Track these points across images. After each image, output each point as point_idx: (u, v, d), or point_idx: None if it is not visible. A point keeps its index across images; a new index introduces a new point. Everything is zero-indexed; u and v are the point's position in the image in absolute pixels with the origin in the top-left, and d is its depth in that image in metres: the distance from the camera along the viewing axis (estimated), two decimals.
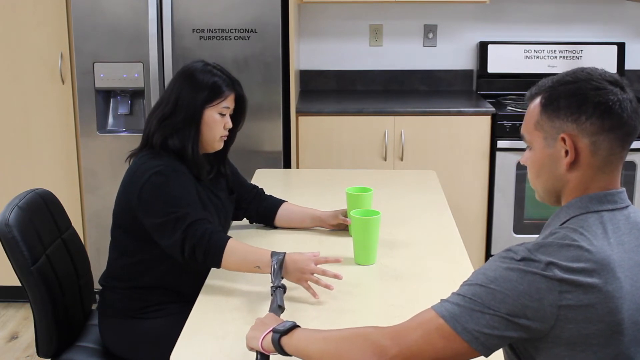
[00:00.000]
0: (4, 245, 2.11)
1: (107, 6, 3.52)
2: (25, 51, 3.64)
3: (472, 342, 1.29)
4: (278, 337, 1.51)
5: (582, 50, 4.17)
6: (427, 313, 1.35)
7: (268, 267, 1.97)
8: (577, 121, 1.35)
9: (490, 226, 3.85)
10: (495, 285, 1.29)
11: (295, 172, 3.59)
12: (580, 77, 1.39)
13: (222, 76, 2.25)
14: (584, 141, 1.35)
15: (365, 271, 2.14)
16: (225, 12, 3.52)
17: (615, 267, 1.30)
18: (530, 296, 1.27)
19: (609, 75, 1.39)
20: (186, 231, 2.05)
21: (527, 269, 1.28)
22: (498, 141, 3.76)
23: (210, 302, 1.95)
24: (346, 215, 2.40)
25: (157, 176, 2.12)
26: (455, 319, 1.30)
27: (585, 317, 1.27)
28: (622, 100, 1.35)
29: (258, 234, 2.46)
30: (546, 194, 1.45)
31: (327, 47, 4.27)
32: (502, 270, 1.30)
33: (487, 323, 1.29)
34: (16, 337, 3.54)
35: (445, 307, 1.32)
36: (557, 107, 1.37)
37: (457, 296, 1.33)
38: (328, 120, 3.76)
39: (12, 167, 3.75)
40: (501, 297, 1.28)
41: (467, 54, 4.29)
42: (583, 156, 1.36)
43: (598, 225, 1.34)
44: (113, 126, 3.72)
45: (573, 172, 1.38)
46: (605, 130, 1.34)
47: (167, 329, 2.05)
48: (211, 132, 2.23)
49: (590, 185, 1.38)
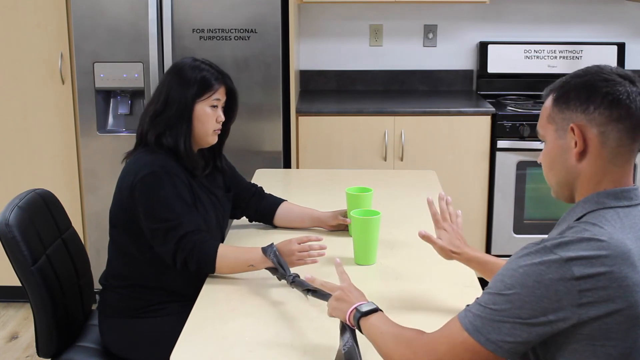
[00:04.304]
0: (4, 245, 2.11)
1: (107, 6, 3.52)
2: (25, 51, 3.64)
3: (497, 352, 1.32)
4: (359, 316, 1.57)
5: (582, 50, 4.17)
6: (454, 324, 1.38)
7: (261, 263, 2.04)
8: (586, 111, 1.37)
9: (490, 226, 3.85)
10: (513, 292, 1.31)
11: (295, 172, 3.59)
12: (591, 70, 1.41)
13: (210, 70, 2.26)
14: (593, 131, 1.37)
15: (365, 271, 2.14)
16: (225, 12, 3.52)
17: (635, 259, 1.30)
18: (549, 299, 1.28)
19: (620, 70, 1.41)
20: (178, 244, 2.09)
21: (545, 271, 1.29)
22: (498, 141, 3.76)
23: (210, 302, 1.95)
24: (346, 215, 2.40)
25: (151, 178, 2.13)
26: (478, 331, 1.33)
27: (605, 311, 1.28)
28: (630, 92, 1.36)
29: (258, 234, 2.46)
30: (559, 187, 1.47)
31: (327, 47, 4.27)
32: (519, 275, 1.31)
33: (509, 332, 1.31)
34: (16, 337, 3.54)
35: (468, 319, 1.35)
36: (567, 99, 1.40)
37: (479, 306, 1.35)
38: (328, 120, 3.76)
39: (12, 167, 3.75)
40: (520, 303, 1.30)
41: (467, 54, 4.29)
42: (592, 146, 1.38)
43: (616, 219, 1.35)
44: (113, 126, 3.72)
45: (583, 163, 1.40)
46: (613, 120, 1.36)
47: (167, 329, 2.05)
48: (203, 126, 2.24)
49: (602, 179, 1.39)
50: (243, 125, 3.61)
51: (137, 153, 2.23)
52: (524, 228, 3.83)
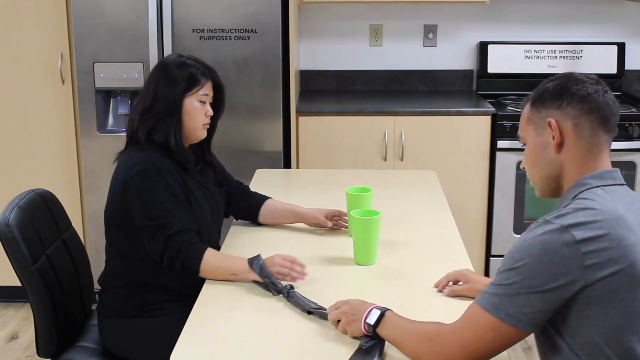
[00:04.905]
0: (4, 245, 2.11)
1: (107, 6, 3.52)
2: (25, 51, 3.64)
3: (518, 324, 1.41)
4: (372, 329, 1.63)
5: (582, 50, 4.17)
6: (473, 309, 1.47)
7: (244, 274, 2.03)
8: (560, 107, 1.54)
9: (490, 226, 3.85)
10: (522, 264, 1.41)
11: (295, 172, 3.59)
12: (562, 75, 1.59)
13: (197, 65, 2.28)
14: (568, 124, 1.53)
15: (365, 271, 2.14)
16: (225, 12, 3.52)
17: (629, 223, 1.42)
18: (557, 264, 1.38)
19: (592, 76, 1.57)
20: (166, 243, 2.10)
21: (548, 239, 1.39)
22: (498, 141, 3.76)
23: (210, 302, 1.95)
24: (331, 216, 2.41)
25: (142, 175, 2.14)
26: (498, 308, 1.42)
27: (610, 271, 1.38)
28: (597, 90, 1.53)
29: (259, 234, 2.46)
30: (545, 182, 1.59)
31: (327, 47, 4.27)
32: (525, 248, 1.41)
33: (525, 303, 1.40)
34: (16, 337, 3.54)
35: (486, 300, 1.45)
36: (543, 100, 1.57)
37: (494, 286, 1.45)
38: (328, 120, 3.76)
39: (12, 167, 3.75)
40: (530, 273, 1.40)
41: (467, 54, 4.29)
42: (569, 137, 1.53)
43: (605, 195, 1.48)
44: (113, 126, 3.72)
45: (562, 154, 1.54)
46: (585, 112, 1.52)
47: (167, 328, 2.05)
48: (193, 121, 2.25)
49: (583, 166, 1.53)
50: (243, 125, 3.61)
51: (128, 152, 2.24)
52: (524, 228, 3.83)
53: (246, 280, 2.03)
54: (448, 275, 1.98)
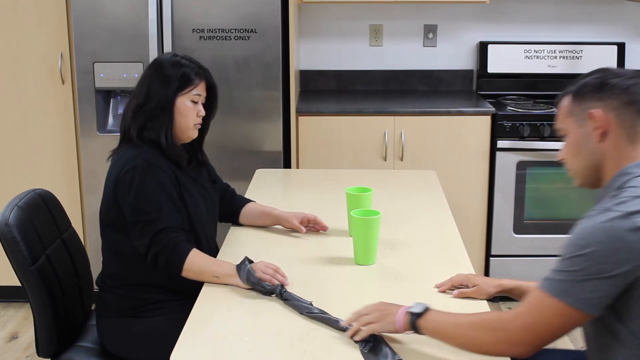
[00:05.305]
0: (4, 245, 2.11)
1: (107, 6, 3.52)
2: (25, 51, 3.64)
3: (586, 309, 1.45)
4: (415, 319, 1.63)
5: (582, 50, 4.17)
6: (537, 295, 1.50)
7: (226, 277, 2.03)
8: (601, 99, 1.60)
9: (490, 226, 3.85)
10: (588, 250, 1.44)
11: (295, 172, 3.59)
12: (601, 70, 1.65)
13: (190, 65, 2.28)
14: (610, 114, 1.58)
15: (365, 271, 2.14)
16: (225, 12, 3.52)
17: None
18: (624, 250, 1.42)
19: (630, 70, 1.65)
20: (153, 239, 2.11)
21: (613, 226, 1.43)
22: (498, 141, 3.75)
23: (210, 302, 1.95)
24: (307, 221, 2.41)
25: (133, 171, 2.15)
26: (568, 294, 1.45)
27: None
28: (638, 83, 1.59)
29: (259, 234, 2.46)
30: (586, 170, 1.64)
31: (327, 47, 4.27)
32: (590, 235, 1.45)
33: (593, 288, 1.44)
34: (16, 337, 3.54)
35: (553, 286, 1.47)
36: (584, 93, 1.63)
37: (559, 272, 1.48)
38: (328, 120, 3.75)
39: (12, 167, 3.75)
40: (598, 259, 1.43)
41: (467, 54, 4.29)
42: (611, 127, 1.58)
43: None
44: (113, 126, 3.71)
45: (605, 143, 1.59)
46: (625, 103, 1.58)
47: (166, 328, 2.06)
48: (185, 120, 2.26)
49: (625, 156, 1.58)
50: (243, 125, 3.61)
51: (121, 149, 2.25)
52: (524, 228, 3.83)
53: (231, 284, 2.03)
54: (452, 280, 1.98)
